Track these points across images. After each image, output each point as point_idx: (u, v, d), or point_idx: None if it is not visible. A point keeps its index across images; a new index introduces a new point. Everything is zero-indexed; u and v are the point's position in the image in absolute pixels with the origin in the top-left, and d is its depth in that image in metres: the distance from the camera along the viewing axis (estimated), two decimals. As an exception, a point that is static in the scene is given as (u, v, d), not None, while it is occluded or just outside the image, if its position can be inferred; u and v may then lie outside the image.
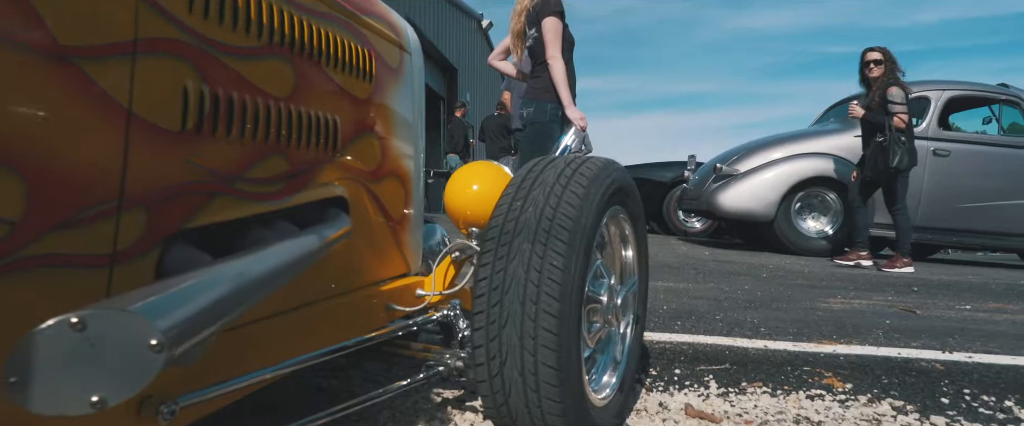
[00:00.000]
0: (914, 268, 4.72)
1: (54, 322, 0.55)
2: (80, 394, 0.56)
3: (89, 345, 0.56)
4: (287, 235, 0.96)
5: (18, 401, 0.54)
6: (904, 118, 4.57)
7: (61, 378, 0.56)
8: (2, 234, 0.58)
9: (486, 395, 1.14)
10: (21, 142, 0.59)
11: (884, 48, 4.78)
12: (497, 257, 1.12)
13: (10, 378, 0.54)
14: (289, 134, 0.99)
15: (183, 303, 0.65)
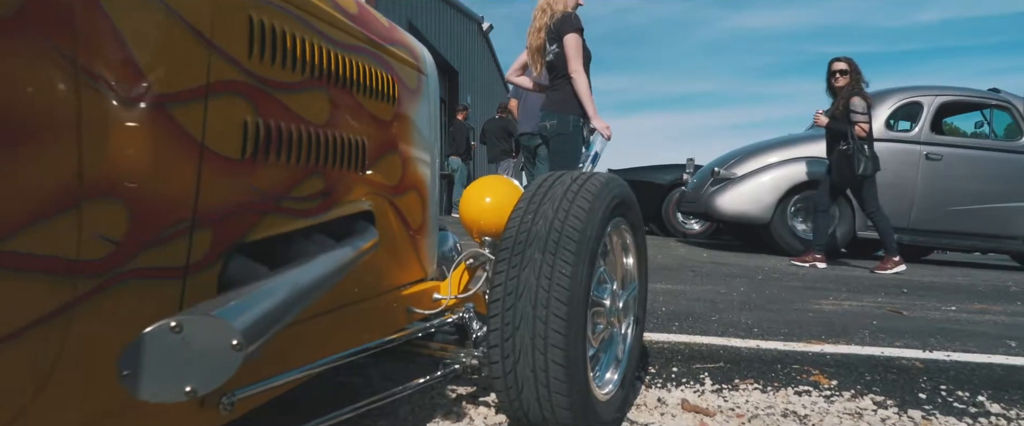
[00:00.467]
0: (905, 266, 4.85)
1: (157, 325, 0.67)
2: (177, 385, 0.68)
3: (184, 344, 0.68)
4: (326, 247, 1.08)
5: (130, 390, 0.66)
6: (865, 127, 4.74)
7: (162, 371, 0.67)
8: (109, 251, 0.70)
9: (500, 390, 1.26)
10: (124, 175, 0.70)
11: (850, 59, 4.95)
12: (511, 266, 1.24)
13: (124, 371, 0.66)
14: (325, 156, 1.11)
15: (254, 309, 0.76)
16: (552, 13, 3.20)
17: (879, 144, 5.89)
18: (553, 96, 3.25)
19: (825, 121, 4.92)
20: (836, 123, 4.83)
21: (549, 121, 3.23)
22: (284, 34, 0.98)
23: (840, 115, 4.81)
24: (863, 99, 4.76)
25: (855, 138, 4.69)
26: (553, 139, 3.22)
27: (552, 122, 3.21)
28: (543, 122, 3.28)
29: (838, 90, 4.89)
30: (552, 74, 3.28)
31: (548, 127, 3.23)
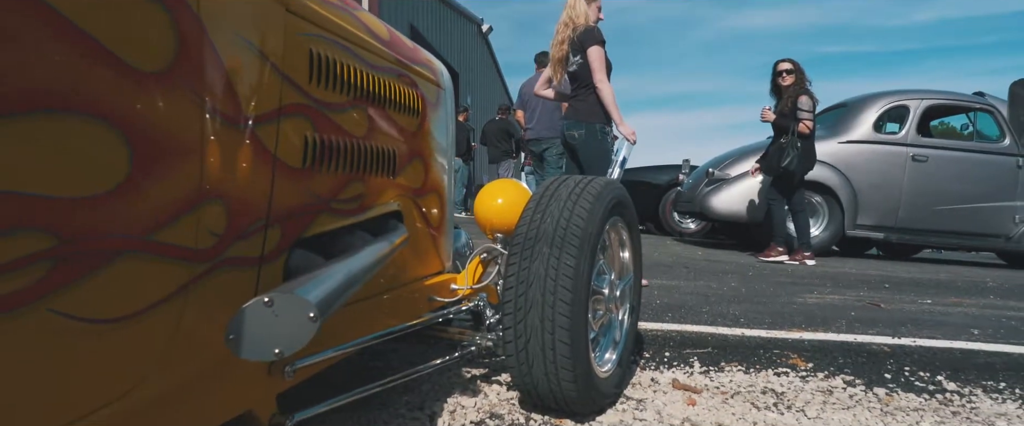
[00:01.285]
0: (816, 261, 5.11)
1: (254, 301, 0.85)
2: (268, 347, 0.86)
3: (274, 316, 0.86)
4: (368, 241, 1.26)
5: (233, 350, 0.84)
6: (809, 125, 4.96)
7: (258, 336, 0.85)
8: (214, 243, 0.88)
9: (513, 366, 1.44)
10: (224, 182, 0.88)
11: (794, 60, 5.17)
12: (523, 258, 1.42)
13: (230, 335, 0.84)
14: (364, 164, 1.29)
15: (323, 290, 0.94)
16: (575, 27, 3.38)
17: (867, 146, 6.10)
18: (578, 106, 3.42)
19: (772, 117, 5.14)
20: (783, 119, 5.06)
21: (577, 130, 3.38)
22: (334, 62, 1.16)
23: (788, 112, 5.04)
24: (810, 98, 4.98)
25: (796, 134, 4.92)
26: (582, 149, 3.37)
27: (580, 132, 3.37)
28: (569, 131, 3.42)
29: (784, 89, 5.11)
30: (575, 84, 3.45)
31: (576, 136, 3.37)
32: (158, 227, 0.75)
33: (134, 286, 0.74)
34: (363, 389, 1.34)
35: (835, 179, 6.02)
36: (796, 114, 4.95)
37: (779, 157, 4.97)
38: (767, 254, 5.27)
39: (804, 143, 4.98)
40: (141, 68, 0.69)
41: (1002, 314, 2.83)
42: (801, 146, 4.96)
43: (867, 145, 6.09)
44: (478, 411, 1.54)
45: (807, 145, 5.01)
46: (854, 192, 6.04)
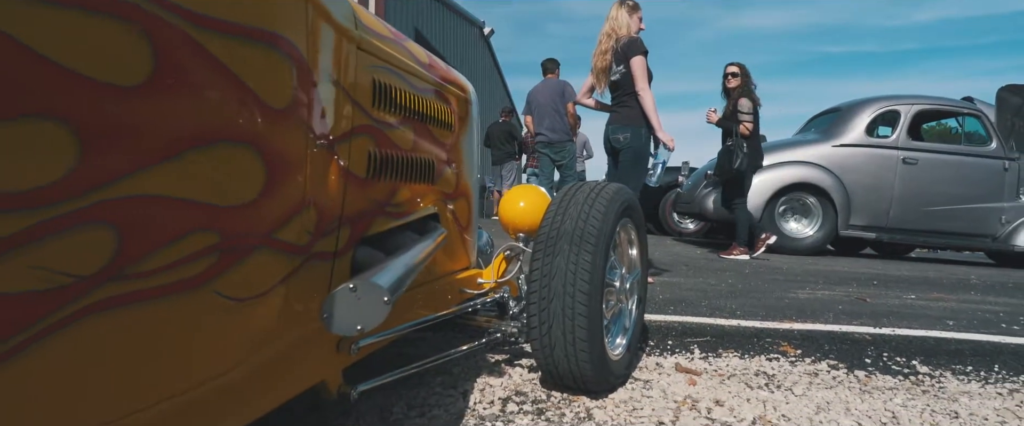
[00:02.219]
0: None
1: (342, 286, 1.05)
2: (352, 324, 1.06)
3: (357, 299, 1.06)
4: (416, 240, 1.46)
5: (326, 326, 1.04)
6: (748, 126, 5.17)
7: (344, 315, 1.05)
8: (308, 241, 1.07)
9: (537, 349, 1.64)
10: (316, 191, 1.08)
11: (742, 64, 5.39)
12: (546, 254, 1.62)
13: (323, 314, 1.04)
14: (411, 174, 1.49)
15: (391, 278, 1.14)
16: (618, 38, 3.58)
17: (859, 150, 6.30)
18: (623, 112, 3.61)
19: (716, 118, 5.37)
20: (726, 122, 5.28)
21: (622, 134, 3.58)
22: (390, 87, 1.36)
23: (730, 114, 5.27)
24: (751, 100, 5.20)
25: (738, 135, 5.14)
26: (626, 150, 3.57)
27: (625, 135, 3.57)
28: (615, 135, 3.61)
29: (730, 92, 5.33)
30: (617, 92, 3.65)
31: (621, 139, 3.57)
32: (278, 227, 0.95)
33: (260, 274, 0.94)
34: (418, 365, 1.54)
35: (829, 181, 6.22)
36: (736, 116, 5.19)
37: (729, 159, 5.20)
38: (729, 252, 5.43)
39: (749, 143, 5.21)
40: (274, 106, 0.89)
41: (978, 308, 3.03)
42: (747, 146, 5.19)
43: (860, 148, 6.29)
44: (504, 389, 1.74)
45: (752, 144, 5.24)
46: (847, 193, 6.24)
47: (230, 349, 0.91)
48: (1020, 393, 1.80)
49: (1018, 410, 1.66)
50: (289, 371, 1.11)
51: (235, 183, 0.84)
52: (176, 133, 0.73)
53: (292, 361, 1.11)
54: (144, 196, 0.69)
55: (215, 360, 0.88)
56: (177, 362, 0.82)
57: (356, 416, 1.55)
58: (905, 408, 1.65)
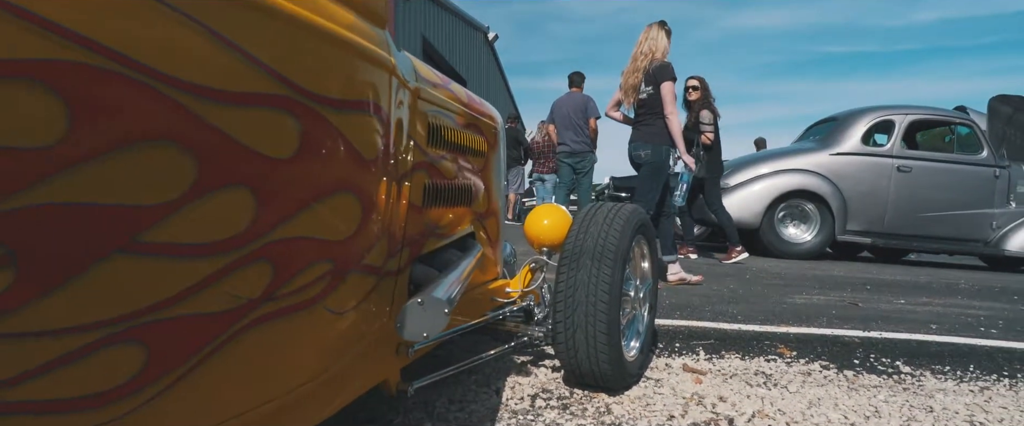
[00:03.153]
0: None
1: (412, 300, 1.27)
2: (420, 331, 1.27)
3: (423, 310, 1.28)
4: (460, 257, 1.67)
5: (400, 333, 1.26)
6: (709, 136, 5.46)
7: (414, 323, 1.27)
8: (384, 261, 1.29)
9: (562, 352, 1.85)
10: (392, 218, 1.29)
11: (701, 78, 5.67)
12: (570, 268, 1.83)
13: (398, 324, 1.25)
14: (453, 199, 1.70)
15: (449, 292, 1.36)
16: (652, 60, 3.80)
17: (856, 158, 6.51)
18: (646, 130, 3.84)
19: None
20: (689, 132, 5.53)
21: (644, 150, 3.81)
22: (441, 127, 1.57)
23: (692, 125, 5.54)
24: (711, 112, 5.48)
25: (700, 145, 5.39)
26: (646, 164, 3.81)
27: (646, 151, 3.80)
28: (637, 151, 3.84)
29: (691, 104, 5.61)
30: (642, 110, 3.87)
31: (643, 155, 3.80)
32: (366, 253, 1.17)
33: (353, 291, 1.15)
34: (464, 364, 1.75)
35: (826, 188, 6.43)
36: (698, 126, 5.44)
37: None
38: (728, 257, 5.65)
39: (709, 153, 5.50)
40: (367, 157, 1.11)
41: (963, 312, 3.24)
42: (707, 155, 5.47)
43: (856, 157, 6.50)
44: (532, 387, 1.95)
45: (713, 154, 5.53)
46: (844, 200, 6.45)
47: (332, 352, 1.12)
48: (990, 390, 2.01)
49: (986, 405, 1.87)
50: (364, 370, 1.32)
51: (342, 222, 1.06)
52: (310, 189, 0.94)
53: (367, 362, 1.33)
54: (289, 238, 0.91)
55: (323, 360, 1.10)
56: (299, 362, 1.03)
57: (404, 411, 1.76)
58: (887, 403, 1.86)
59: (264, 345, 0.92)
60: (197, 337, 0.80)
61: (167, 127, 0.70)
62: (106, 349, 0.68)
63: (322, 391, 1.14)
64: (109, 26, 0.63)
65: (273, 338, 0.94)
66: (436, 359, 2.25)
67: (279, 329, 0.95)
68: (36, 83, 0.57)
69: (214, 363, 0.83)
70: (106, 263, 0.66)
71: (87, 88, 0.61)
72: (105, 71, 0.62)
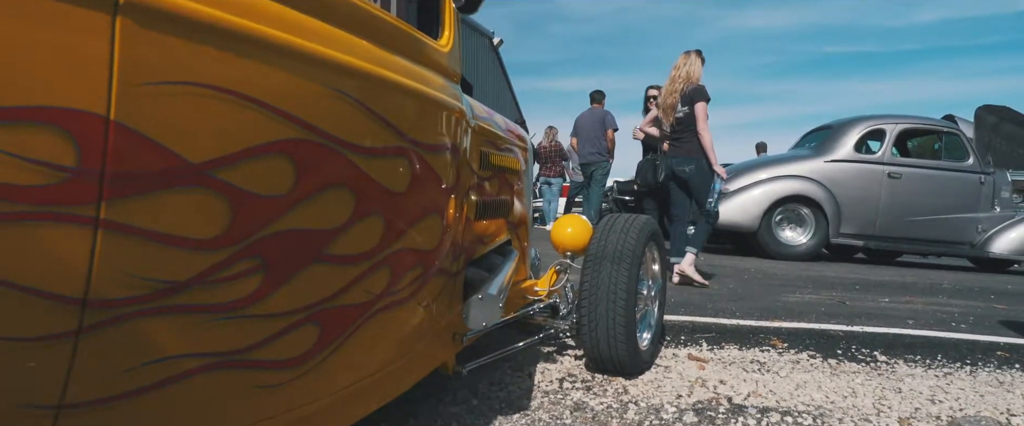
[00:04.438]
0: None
1: (474, 297, 1.58)
2: (481, 321, 1.59)
3: (483, 304, 1.59)
4: (501, 262, 1.98)
5: (466, 324, 1.57)
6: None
7: (476, 315, 1.58)
8: (448, 264, 1.59)
9: (586, 342, 2.15)
10: (457, 230, 1.60)
11: (660, 87, 5.97)
12: (593, 270, 2.13)
13: (463, 315, 1.56)
14: (496, 212, 2.01)
15: (500, 290, 1.66)
16: (689, 82, 4.16)
17: (849, 165, 6.80)
18: (684, 146, 4.23)
19: (642, 135, 5.93)
20: (650, 139, 5.82)
21: (687, 166, 4.20)
22: (489, 154, 1.88)
23: None
24: None
25: (661, 151, 5.71)
26: (693, 179, 4.19)
27: (690, 167, 4.19)
28: (680, 166, 4.23)
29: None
30: (679, 127, 4.25)
31: (687, 171, 4.18)
32: (442, 259, 1.47)
33: (433, 289, 1.46)
34: (508, 349, 2.05)
35: (821, 193, 6.73)
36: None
37: (653, 173, 5.75)
38: None
39: None
40: (447, 184, 1.41)
41: (939, 309, 3.54)
42: None
43: (849, 163, 6.80)
44: (559, 372, 2.25)
45: None
46: (837, 205, 6.75)
47: (416, 337, 1.43)
48: (952, 375, 2.32)
49: (947, 387, 2.17)
50: (431, 354, 1.63)
51: (432, 236, 1.36)
52: (416, 212, 1.25)
53: (433, 347, 1.63)
54: (402, 249, 1.22)
55: (410, 343, 1.40)
56: (396, 343, 1.34)
57: (453, 391, 2.06)
58: (862, 386, 2.17)
59: (379, 330, 1.23)
60: (346, 322, 1.11)
61: (341, 175, 1.01)
62: (300, 328, 0.99)
63: (404, 369, 1.45)
64: (313, 111, 0.93)
65: (385, 324, 1.25)
66: (475, 348, 2.55)
67: (389, 318, 1.25)
68: (282, 155, 0.88)
69: (352, 340, 1.13)
70: (306, 269, 0.97)
71: (305, 154, 0.92)
72: (313, 142, 0.93)
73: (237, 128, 0.81)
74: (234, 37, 0.79)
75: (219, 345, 0.86)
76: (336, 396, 1.16)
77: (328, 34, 0.97)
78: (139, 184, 0.70)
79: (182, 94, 0.73)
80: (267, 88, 0.85)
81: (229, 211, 0.81)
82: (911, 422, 1.84)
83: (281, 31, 0.86)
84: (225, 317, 0.85)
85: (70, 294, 0.66)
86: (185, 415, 0.84)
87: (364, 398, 1.27)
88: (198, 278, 0.79)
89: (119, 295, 0.71)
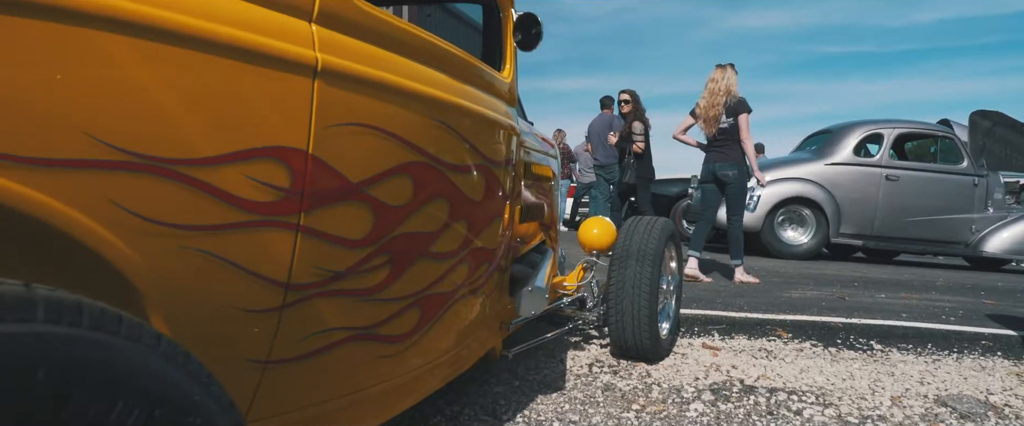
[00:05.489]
0: None
1: (525, 289, 1.83)
2: (530, 309, 1.83)
3: (532, 295, 1.83)
4: (540, 259, 2.22)
5: (521, 312, 1.81)
6: (640, 146, 6.14)
7: (527, 304, 1.82)
8: (499, 259, 1.83)
9: (612, 331, 2.39)
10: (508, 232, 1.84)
11: (632, 91, 6.31)
12: (619, 267, 2.37)
13: (516, 305, 1.81)
14: (535, 215, 2.24)
15: (544, 283, 1.90)
16: (730, 95, 4.45)
17: (848, 167, 7.02)
18: (727, 153, 4.51)
19: (615, 140, 6.23)
20: (622, 142, 6.18)
21: (730, 171, 4.48)
22: (530, 164, 2.12)
23: (626, 135, 6.17)
24: (642, 123, 6.14)
25: (632, 153, 6.00)
26: (734, 183, 4.47)
27: (733, 171, 4.48)
28: (723, 171, 4.50)
29: (624, 116, 6.26)
30: (722, 136, 4.53)
31: (730, 175, 4.46)
32: (499, 257, 1.71)
33: (490, 282, 1.70)
34: (545, 336, 2.29)
35: (821, 195, 6.95)
36: (631, 137, 6.07)
37: (621, 173, 6.09)
38: None
39: (640, 160, 6.14)
40: (507, 193, 1.65)
41: (932, 304, 3.77)
42: (638, 163, 6.14)
43: (848, 167, 7.02)
44: (588, 358, 2.49)
45: (643, 161, 6.18)
46: (837, 206, 6.97)
47: (478, 324, 1.67)
48: (940, 361, 2.55)
49: (934, 371, 2.41)
50: (486, 339, 1.87)
51: (495, 236, 1.60)
52: (488, 217, 1.49)
53: (488, 332, 1.87)
54: (477, 248, 1.46)
55: (473, 330, 1.64)
56: (465, 328, 1.58)
57: (496, 373, 2.30)
58: (860, 370, 2.40)
59: (455, 316, 1.47)
60: (436, 308, 1.35)
61: (440, 188, 1.25)
62: (408, 311, 1.23)
63: (466, 350, 1.69)
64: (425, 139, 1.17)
65: (459, 311, 1.49)
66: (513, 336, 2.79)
67: (462, 306, 1.49)
68: (405, 174, 1.12)
69: (438, 324, 1.37)
70: (415, 264, 1.21)
71: (419, 172, 1.16)
72: (424, 163, 1.17)
73: (380, 154, 1.05)
74: (383, 88, 1.04)
75: (360, 321, 1.10)
76: (422, 369, 1.40)
77: (438, 79, 1.22)
78: (323, 199, 0.94)
79: (350, 132, 0.98)
80: (398, 123, 1.09)
81: (372, 218, 1.06)
82: (902, 400, 2.08)
83: (410, 80, 1.11)
84: (364, 300, 1.09)
85: (279, 279, 0.90)
86: (336, 375, 1.08)
87: (439, 373, 1.51)
88: (351, 269, 1.04)
89: (307, 281, 0.95)
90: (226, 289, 0.84)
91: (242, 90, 0.82)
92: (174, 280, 0.77)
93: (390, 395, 1.29)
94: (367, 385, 1.20)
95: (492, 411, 1.91)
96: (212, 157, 0.79)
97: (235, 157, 0.81)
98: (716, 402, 2.03)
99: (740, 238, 4.56)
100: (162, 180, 0.73)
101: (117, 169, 0.69)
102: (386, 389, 1.27)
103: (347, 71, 0.96)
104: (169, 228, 0.75)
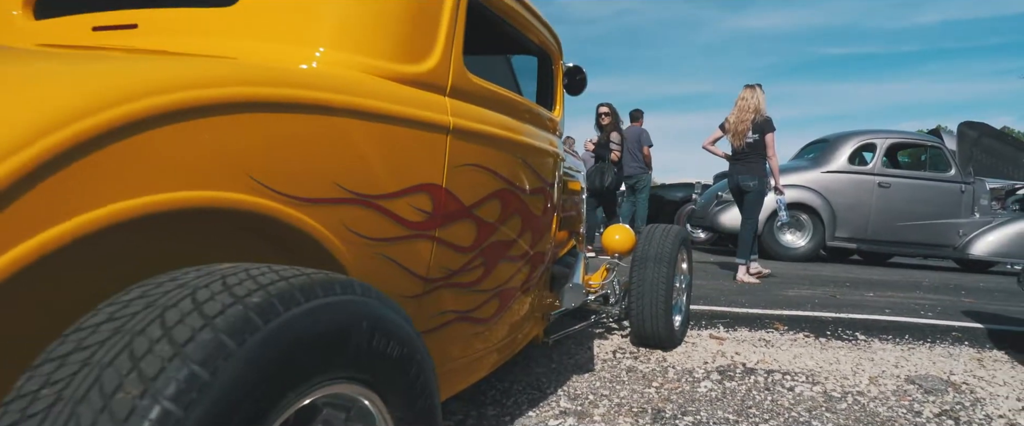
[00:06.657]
0: None
1: (568, 285, 2.20)
2: (571, 302, 2.21)
3: (573, 290, 2.21)
4: (573, 262, 2.59)
5: (563, 303, 2.19)
6: (617, 154, 6.60)
7: (570, 297, 2.20)
8: (549, 262, 2.21)
9: (633, 323, 2.76)
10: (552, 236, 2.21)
11: (610, 104, 6.74)
12: (640, 269, 2.74)
13: (560, 298, 2.18)
14: (568, 223, 2.62)
15: (581, 278, 2.28)
16: (758, 113, 4.84)
17: (843, 175, 7.38)
18: (751, 166, 4.89)
19: (592, 147, 6.65)
20: (601, 149, 6.63)
21: (751, 181, 4.87)
22: (566, 180, 2.50)
23: (604, 144, 6.64)
24: (619, 134, 6.64)
25: (609, 161, 6.45)
26: (752, 192, 4.87)
27: (753, 182, 4.87)
28: (745, 182, 4.88)
29: (603, 127, 6.69)
30: (748, 150, 4.90)
31: (750, 185, 4.85)
32: (549, 257, 2.08)
33: (541, 280, 2.07)
34: (577, 326, 2.66)
35: (817, 201, 7.31)
36: (609, 145, 6.54)
37: (600, 178, 6.51)
38: None
39: (617, 167, 6.61)
40: (554, 206, 2.03)
41: (914, 302, 4.13)
42: (616, 169, 6.60)
43: (843, 174, 7.38)
44: (611, 346, 2.86)
45: (619, 168, 6.67)
46: (833, 211, 7.33)
47: (529, 313, 2.04)
48: (914, 349, 2.92)
49: (909, 357, 2.77)
50: (532, 327, 2.24)
51: (546, 242, 1.98)
52: (542, 227, 1.87)
53: (534, 321, 2.24)
54: (538, 252, 1.83)
55: (526, 320, 2.01)
56: (521, 318, 1.95)
57: (535, 358, 2.68)
58: (845, 356, 2.77)
59: (517, 306, 1.84)
60: (509, 298, 1.72)
61: (518, 207, 1.63)
62: (492, 299, 1.61)
63: (519, 335, 2.06)
64: (509, 172, 1.55)
65: (519, 303, 1.86)
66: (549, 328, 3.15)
67: (523, 298, 1.87)
68: (496, 198, 1.50)
69: (506, 312, 1.75)
70: (499, 264, 1.59)
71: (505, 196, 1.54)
72: (508, 189, 1.55)
73: (483, 185, 1.43)
74: (486, 137, 1.42)
75: (463, 306, 1.48)
76: (494, 347, 1.77)
77: (517, 126, 1.60)
78: (450, 218, 1.32)
79: (466, 171, 1.35)
80: (494, 161, 1.47)
81: (476, 231, 1.43)
82: (878, 380, 2.45)
83: (502, 129, 1.49)
84: (467, 290, 1.47)
85: (422, 274, 1.28)
86: (446, 346, 1.46)
87: (503, 352, 1.88)
88: (461, 268, 1.41)
89: (437, 276, 1.32)
90: (394, 280, 1.22)
91: (409, 146, 1.20)
92: (368, 272, 1.15)
93: (472, 365, 1.67)
94: (460, 356, 1.57)
95: (537, 386, 2.28)
96: (392, 192, 1.16)
97: (404, 191, 1.19)
98: (722, 381, 2.40)
99: (748, 241, 4.92)
100: (366, 209, 1.11)
101: (346, 203, 1.07)
102: (470, 361, 1.64)
103: (467, 128, 1.34)
104: (368, 239, 1.13)
